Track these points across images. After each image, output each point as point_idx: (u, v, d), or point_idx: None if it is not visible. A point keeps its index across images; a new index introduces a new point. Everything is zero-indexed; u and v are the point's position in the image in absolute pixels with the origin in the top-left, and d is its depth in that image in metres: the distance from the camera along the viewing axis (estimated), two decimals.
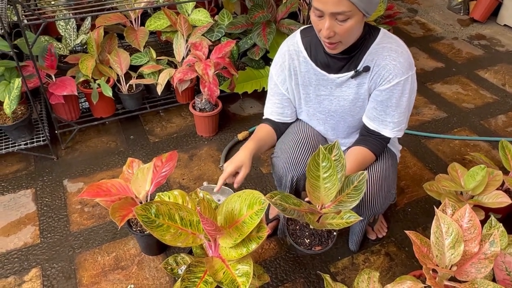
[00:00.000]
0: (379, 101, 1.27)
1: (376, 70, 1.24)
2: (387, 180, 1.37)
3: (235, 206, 1.18)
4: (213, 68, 1.81)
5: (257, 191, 1.17)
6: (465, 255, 1.17)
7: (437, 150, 2.12)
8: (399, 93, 1.24)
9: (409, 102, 1.29)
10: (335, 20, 1.10)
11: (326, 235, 1.24)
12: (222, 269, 1.11)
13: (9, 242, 1.62)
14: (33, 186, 1.85)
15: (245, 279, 1.07)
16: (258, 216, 1.11)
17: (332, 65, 1.28)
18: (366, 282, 1.23)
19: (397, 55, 1.21)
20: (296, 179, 1.39)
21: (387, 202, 1.43)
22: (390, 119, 1.29)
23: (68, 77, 1.90)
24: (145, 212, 1.06)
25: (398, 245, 1.64)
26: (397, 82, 1.22)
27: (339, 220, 1.13)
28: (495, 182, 1.55)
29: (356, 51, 1.23)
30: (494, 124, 2.32)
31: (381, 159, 1.39)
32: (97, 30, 2.03)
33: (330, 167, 1.09)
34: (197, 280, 1.08)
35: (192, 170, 1.95)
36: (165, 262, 1.26)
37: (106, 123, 2.20)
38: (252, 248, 1.10)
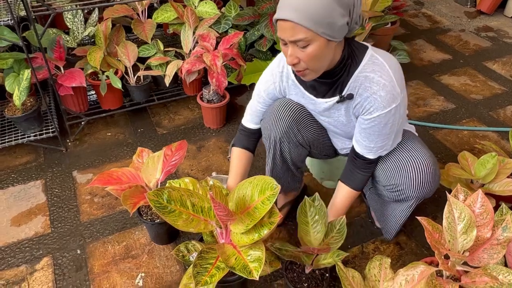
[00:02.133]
0: (362, 128, 1.25)
1: (358, 100, 1.20)
2: (423, 152, 1.32)
3: (246, 192, 1.18)
4: (221, 58, 1.81)
5: (269, 177, 1.17)
6: (478, 240, 1.17)
7: (445, 140, 2.11)
8: (382, 124, 1.20)
9: (393, 129, 1.25)
10: (297, 47, 1.07)
11: (320, 277, 1.32)
12: (233, 255, 1.11)
13: (20, 231, 1.63)
14: (43, 177, 1.86)
15: (257, 265, 1.07)
16: (270, 201, 1.11)
17: (318, 89, 1.26)
18: (378, 268, 1.23)
19: (378, 88, 1.14)
20: (280, 139, 1.37)
21: (436, 178, 1.34)
22: (373, 145, 1.27)
23: (77, 68, 1.91)
24: (157, 197, 1.07)
25: (408, 234, 1.64)
26: (378, 115, 1.18)
27: (329, 259, 1.25)
28: (506, 170, 1.55)
29: (339, 76, 1.19)
30: (503, 114, 2.31)
31: (405, 141, 1.35)
32: (105, 22, 2.03)
33: (316, 213, 1.27)
34: (209, 266, 1.09)
35: (201, 161, 1.96)
36: (176, 249, 1.27)
37: (114, 115, 2.20)
38: (264, 234, 1.11)
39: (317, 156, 1.57)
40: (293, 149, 1.40)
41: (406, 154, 1.31)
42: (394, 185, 1.33)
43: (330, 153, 1.56)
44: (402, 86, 1.20)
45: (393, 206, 1.45)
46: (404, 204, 1.39)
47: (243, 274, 1.04)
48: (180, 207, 1.08)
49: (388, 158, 1.34)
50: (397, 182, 1.31)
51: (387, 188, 1.37)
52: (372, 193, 1.59)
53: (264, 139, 1.44)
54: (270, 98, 1.40)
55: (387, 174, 1.33)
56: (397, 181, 1.31)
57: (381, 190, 1.41)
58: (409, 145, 1.34)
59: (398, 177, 1.31)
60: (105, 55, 2.00)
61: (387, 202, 1.48)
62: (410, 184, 1.29)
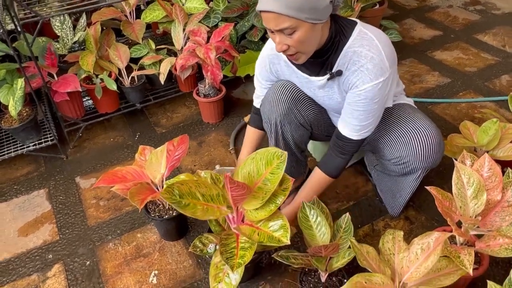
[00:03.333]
0: (348, 103, 1.24)
1: (346, 75, 1.20)
2: (426, 123, 1.31)
3: (251, 168, 1.17)
4: (214, 51, 1.80)
5: (272, 147, 1.17)
6: (488, 204, 1.17)
7: (444, 114, 2.11)
8: (368, 99, 1.18)
9: (381, 106, 1.23)
10: (284, 35, 1.08)
11: (338, 284, 1.29)
12: (254, 232, 1.11)
13: (28, 241, 1.61)
14: (46, 186, 1.85)
15: (283, 232, 1.09)
16: (281, 169, 1.11)
17: (310, 68, 1.27)
18: (391, 242, 1.22)
19: (366, 61, 1.14)
20: (280, 122, 1.38)
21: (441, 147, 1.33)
22: (356, 122, 1.24)
23: (70, 74, 1.89)
24: (170, 195, 1.06)
25: (416, 208, 1.64)
26: (364, 88, 1.17)
27: (342, 260, 1.22)
28: (508, 135, 1.55)
29: (329, 54, 1.19)
30: (499, 84, 2.31)
31: (406, 113, 1.35)
32: (94, 26, 2.02)
33: (318, 215, 1.25)
34: (233, 250, 1.09)
35: (203, 156, 1.95)
36: (192, 246, 1.25)
37: (111, 119, 2.19)
38: (280, 202, 1.12)
39: (319, 138, 1.57)
40: (295, 131, 1.40)
41: (409, 125, 1.31)
42: (399, 158, 1.33)
43: (332, 133, 1.55)
44: (393, 61, 1.18)
45: (400, 181, 1.45)
46: (410, 177, 1.39)
47: (272, 243, 1.06)
48: (192, 199, 1.07)
49: (391, 131, 1.34)
50: (402, 154, 1.31)
51: (393, 162, 1.36)
52: (377, 171, 1.59)
53: (264, 123, 1.44)
54: (266, 81, 1.42)
55: (392, 147, 1.33)
56: (402, 153, 1.31)
57: (387, 164, 1.41)
58: (411, 116, 1.33)
59: (403, 149, 1.31)
60: (97, 59, 1.99)
61: (393, 178, 1.47)
62: (416, 155, 1.29)
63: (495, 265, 1.43)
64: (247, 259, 1.05)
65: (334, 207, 1.67)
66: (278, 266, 1.45)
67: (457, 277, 1.07)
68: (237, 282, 1.09)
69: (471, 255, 1.08)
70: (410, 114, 1.34)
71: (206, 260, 1.49)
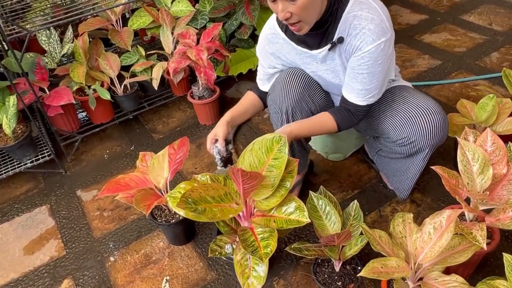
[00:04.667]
0: (351, 67, 1.24)
1: (348, 41, 1.20)
2: (429, 101, 1.33)
3: (251, 160, 1.17)
4: (206, 51, 1.79)
5: (268, 134, 1.17)
6: (495, 178, 1.17)
7: (439, 96, 2.12)
8: (372, 61, 1.19)
9: (384, 69, 1.23)
10: (287, 1, 1.09)
11: (353, 272, 1.28)
12: (269, 221, 1.11)
13: (35, 259, 1.59)
14: (47, 202, 1.82)
15: (299, 213, 1.10)
16: (283, 152, 1.12)
17: (310, 42, 1.27)
18: (402, 225, 1.22)
19: (366, 23, 1.15)
20: (292, 109, 1.38)
21: (446, 124, 1.34)
22: (361, 86, 1.25)
23: (62, 87, 1.87)
24: (185, 204, 1.05)
25: (421, 190, 1.64)
26: (368, 50, 1.17)
27: (355, 247, 1.22)
28: (505, 110, 1.56)
29: (329, 24, 1.20)
30: (489, 62, 2.33)
31: (408, 94, 1.36)
32: (82, 37, 2.00)
33: (326, 205, 1.24)
34: (254, 243, 1.09)
35: (203, 159, 1.94)
36: (210, 251, 1.24)
37: (106, 129, 2.17)
38: (289, 185, 1.12)
39: None
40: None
41: (413, 105, 1.32)
42: (406, 138, 1.33)
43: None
44: (390, 24, 1.21)
45: (406, 163, 1.45)
46: (417, 157, 1.39)
47: (292, 225, 1.08)
48: (205, 204, 1.07)
49: (396, 112, 1.34)
50: (409, 134, 1.31)
51: (399, 143, 1.36)
52: (380, 156, 1.58)
53: (273, 113, 1.43)
54: (266, 63, 1.43)
55: (398, 128, 1.33)
56: (409, 133, 1.31)
57: (393, 147, 1.41)
58: (413, 97, 1.34)
59: (409, 128, 1.31)
60: (87, 70, 1.97)
61: (399, 161, 1.47)
62: (423, 133, 1.29)
63: (505, 239, 1.43)
64: (273, 247, 1.06)
65: (339, 197, 1.67)
66: (290, 261, 1.45)
67: (471, 253, 1.07)
68: (265, 273, 1.10)
69: (483, 230, 1.08)
70: (412, 94, 1.35)
71: (217, 261, 1.48)
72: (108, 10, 2.07)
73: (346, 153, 1.83)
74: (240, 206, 1.16)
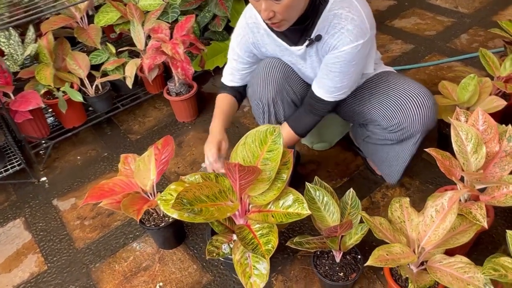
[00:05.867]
0: (325, 63, 1.21)
1: (326, 39, 1.17)
2: (416, 85, 1.31)
3: (244, 154, 1.12)
4: (181, 45, 1.71)
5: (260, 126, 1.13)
6: (488, 156, 1.18)
7: (415, 79, 2.09)
8: (346, 61, 1.16)
9: (357, 70, 1.21)
10: (271, 0, 1.04)
11: (353, 261, 1.26)
12: (266, 216, 1.07)
13: (13, 277, 1.48)
14: (21, 215, 1.70)
15: (298, 205, 1.06)
16: (278, 143, 1.08)
17: (290, 36, 1.24)
18: (399, 210, 1.21)
19: (346, 23, 1.12)
20: (272, 100, 1.34)
21: (436, 107, 1.33)
22: (331, 84, 1.22)
23: (29, 90, 1.74)
24: (180, 206, 0.98)
25: (409, 174, 1.64)
26: (344, 50, 1.14)
27: (355, 236, 1.20)
28: (486, 89, 1.58)
29: (308, 21, 1.16)
30: (459, 43, 2.37)
31: (395, 80, 1.35)
32: (45, 36, 1.87)
33: (324, 195, 1.20)
34: (253, 240, 1.04)
35: (185, 157, 1.87)
36: (207, 252, 1.17)
37: (79, 134, 2.05)
38: (286, 177, 1.09)
39: None
40: (287, 109, 1.37)
41: (401, 90, 1.30)
42: (397, 124, 1.32)
43: None
44: (372, 23, 1.17)
45: (396, 149, 1.44)
46: (408, 143, 1.38)
47: (292, 219, 1.04)
48: (201, 204, 1.01)
49: (384, 100, 1.32)
50: (400, 120, 1.30)
51: (390, 129, 1.35)
52: (368, 143, 1.56)
53: (255, 106, 1.39)
54: (244, 53, 1.35)
55: (388, 114, 1.32)
56: (400, 119, 1.30)
57: (383, 134, 1.39)
58: (400, 82, 1.33)
59: (400, 114, 1.29)
60: (55, 72, 1.85)
61: (388, 147, 1.46)
62: (413, 118, 1.28)
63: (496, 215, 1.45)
64: (274, 244, 1.02)
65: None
66: (286, 255, 1.42)
67: (473, 232, 1.08)
68: (267, 270, 1.05)
69: (482, 208, 1.09)
70: (398, 80, 1.34)
71: (211, 262, 1.43)
72: (72, 7, 1.95)
73: (331, 141, 1.81)
74: (236, 204, 1.11)
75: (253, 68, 1.40)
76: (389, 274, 1.16)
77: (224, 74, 1.45)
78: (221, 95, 1.44)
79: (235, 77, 1.42)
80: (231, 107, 1.43)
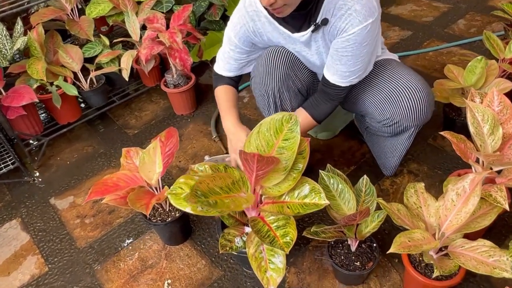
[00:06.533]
0: (335, 49, 1.16)
1: (332, 22, 1.12)
2: (413, 78, 1.26)
3: (258, 143, 1.07)
4: (179, 34, 1.65)
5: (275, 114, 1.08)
6: (504, 138, 1.15)
7: (416, 65, 2.12)
8: (357, 44, 1.11)
9: (370, 51, 1.16)
10: None
11: (369, 250, 1.22)
12: (282, 207, 1.03)
13: (12, 280, 1.42)
14: (17, 215, 1.63)
15: (315, 195, 1.02)
16: (295, 131, 1.03)
17: (292, 23, 1.18)
18: (415, 196, 1.19)
19: (353, 3, 1.07)
20: (278, 90, 1.29)
21: (431, 101, 1.28)
22: (345, 69, 1.17)
23: (21, 85, 1.66)
24: (195, 198, 0.93)
25: (416, 160, 1.62)
26: (353, 32, 1.09)
27: (372, 224, 1.16)
28: (492, 71, 1.56)
29: (311, 5, 1.11)
30: (457, 28, 2.36)
31: (392, 70, 1.30)
32: (35, 29, 1.79)
33: (339, 182, 1.17)
34: (269, 232, 1.00)
35: (186, 150, 1.81)
36: (220, 246, 1.12)
37: (74, 130, 1.98)
38: (302, 168, 1.05)
39: None
40: (294, 99, 1.32)
41: (396, 83, 1.26)
42: (389, 119, 1.28)
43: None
44: (377, 1, 1.13)
45: (392, 141, 1.40)
46: (403, 136, 1.35)
47: (310, 210, 1.01)
48: (215, 196, 0.96)
49: (378, 91, 1.28)
50: (392, 115, 1.26)
51: (383, 123, 1.31)
52: (369, 133, 1.53)
53: (259, 96, 1.34)
54: (243, 43, 1.29)
55: (381, 108, 1.28)
56: (392, 114, 1.26)
57: (377, 127, 1.36)
58: (395, 73, 1.28)
59: (392, 109, 1.26)
60: (47, 66, 1.77)
61: (386, 139, 1.42)
62: (406, 113, 1.25)
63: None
64: (293, 236, 0.98)
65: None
66: (298, 246, 1.38)
67: (495, 215, 1.05)
68: (284, 264, 1.01)
69: (503, 190, 1.06)
70: (395, 70, 1.28)
71: (220, 256, 1.39)
72: None
73: (335, 130, 1.77)
74: (251, 195, 1.06)
75: (250, 58, 1.35)
76: (407, 261, 1.13)
77: (218, 63, 1.38)
78: (221, 88, 1.38)
79: (232, 66, 1.36)
80: (236, 99, 1.38)
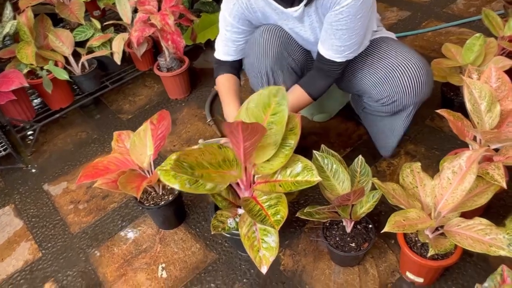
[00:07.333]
0: (329, 23, 1.13)
1: None
2: (411, 55, 1.23)
3: (246, 120, 1.04)
4: (171, 16, 1.62)
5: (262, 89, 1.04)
6: (502, 115, 1.13)
7: (414, 46, 2.08)
8: (351, 16, 1.08)
9: (365, 24, 1.13)
10: None
11: (365, 231, 1.20)
12: (274, 186, 1.00)
13: (6, 266, 1.41)
14: (10, 202, 1.62)
15: (307, 173, 0.99)
16: (283, 105, 0.99)
17: None
18: (411, 176, 1.16)
19: None
20: (271, 70, 1.27)
21: (430, 78, 1.25)
22: (340, 43, 1.14)
23: (10, 70, 1.64)
24: (180, 169, 0.91)
25: (413, 141, 1.59)
26: (346, 4, 1.06)
27: (367, 204, 1.14)
28: (491, 49, 1.52)
29: None
30: (456, 8, 2.31)
31: (390, 47, 1.26)
32: (24, 13, 1.75)
33: (333, 162, 1.14)
34: (261, 211, 0.97)
35: (180, 134, 1.79)
36: (212, 227, 1.11)
37: (67, 115, 1.95)
38: (294, 144, 1.01)
39: None
40: (288, 78, 1.29)
41: (394, 60, 1.22)
42: (388, 97, 1.25)
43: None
44: None
45: (390, 121, 1.37)
46: (402, 115, 1.32)
47: (301, 187, 0.98)
48: (202, 170, 0.93)
49: (376, 69, 1.25)
50: (391, 93, 1.23)
51: (382, 102, 1.28)
52: (366, 114, 1.50)
53: (253, 77, 1.31)
54: (238, 21, 1.26)
55: (379, 87, 1.25)
56: (391, 92, 1.23)
57: (375, 106, 1.33)
58: (392, 51, 1.24)
59: (391, 87, 1.22)
60: (37, 50, 1.74)
61: (384, 119, 1.39)
62: (405, 91, 1.21)
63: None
64: (283, 214, 0.95)
65: None
66: (293, 229, 1.36)
67: (492, 193, 1.03)
68: (277, 243, 0.99)
69: (500, 168, 1.04)
70: (392, 48, 1.25)
71: (215, 240, 1.37)
72: None
73: (331, 112, 1.74)
74: (240, 171, 1.04)
75: (248, 38, 1.32)
76: (403, 241, 1.11)
77: (217, 48, 1.36)
78: (223, 76, 1.35)
79: (230, 49, 1.33)
80: (238, 88, 1.35)
